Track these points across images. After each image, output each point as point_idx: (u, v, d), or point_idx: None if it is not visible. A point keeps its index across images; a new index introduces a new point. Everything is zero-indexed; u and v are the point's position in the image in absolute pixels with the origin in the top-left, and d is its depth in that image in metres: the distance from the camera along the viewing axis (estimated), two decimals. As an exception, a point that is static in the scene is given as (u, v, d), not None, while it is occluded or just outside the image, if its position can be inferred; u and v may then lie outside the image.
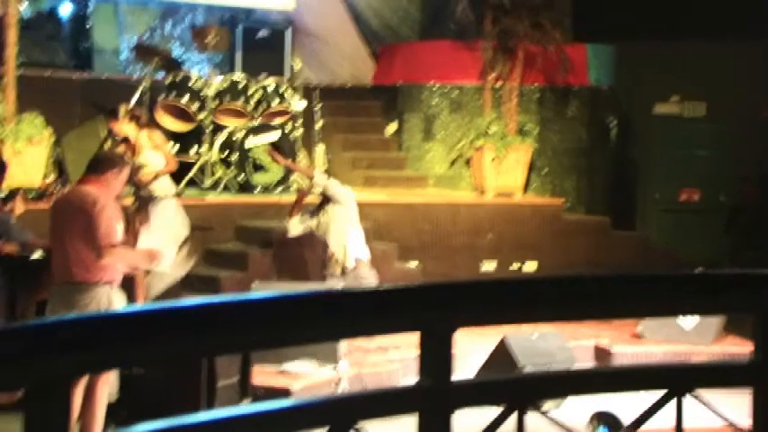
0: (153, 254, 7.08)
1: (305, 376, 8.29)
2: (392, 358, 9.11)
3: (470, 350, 8.77)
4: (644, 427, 2.69)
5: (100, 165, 6.92)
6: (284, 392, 7.93)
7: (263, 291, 8.46)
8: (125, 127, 9.78)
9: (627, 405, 2.93)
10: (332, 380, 8.40)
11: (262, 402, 5.43)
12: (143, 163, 9.57)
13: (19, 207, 8.75)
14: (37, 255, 8.16)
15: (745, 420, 2.79)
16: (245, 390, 7.39)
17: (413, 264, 11.61)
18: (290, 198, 10.59)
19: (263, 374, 7.99)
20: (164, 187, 9.78)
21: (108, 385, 6.79)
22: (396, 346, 9.26)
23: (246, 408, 4.95)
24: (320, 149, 12.34)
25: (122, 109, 10.00)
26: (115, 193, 6.90)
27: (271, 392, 7.73)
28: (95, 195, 6.67)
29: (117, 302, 6.76)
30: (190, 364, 6.88)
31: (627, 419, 2.75)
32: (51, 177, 10.87)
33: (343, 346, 8.67)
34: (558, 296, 2.66)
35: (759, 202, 13.54)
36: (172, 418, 2.23)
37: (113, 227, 6.66)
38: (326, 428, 2.38)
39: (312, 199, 10.01)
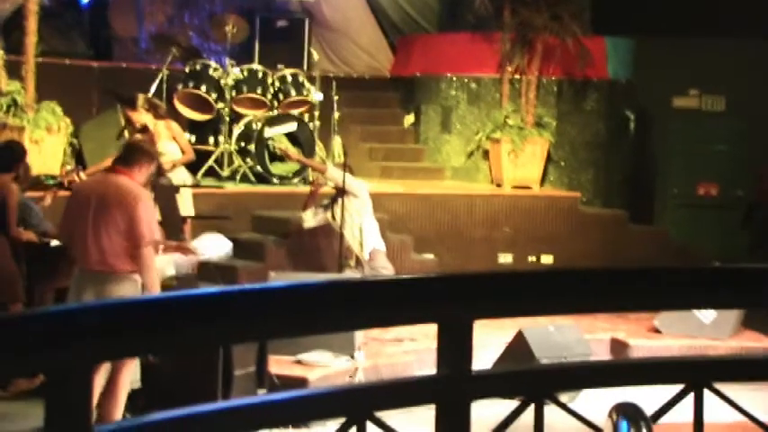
0: (185, 248, 7.17)
1: (321, 366, 8.29)
2: (407, 350, 9.12)
3: (487, 342, 8.76)
4: (663, 420, 2.68)
5: (133, 155, 6.90)
6: (301, 382, 7.94)
7: (281, 281, 8.48)
8: (143, 116, 9.80)
9: (643, 398, 2.92)
10: (348, 370, 8.41)
11: (278, 392, 5.43)
12: (161, 152, 9.59)
13: (48, 200, 8.89)
14: (55, 242, 8.19)
15: (764, 415, 2.78)
16: (262, 379, 7.41)
17: (429, 255, 11.60)
18: (307, 189, 10.60)
19: (279, 364, 8.01)
20: (180, 177, 9.82)
21: (130, 373, 6.82)
22: (411, 338, 9.26)
23: (263, 397, 4.97)
24: (337, 141, 12.34)
25: (141, 98, 10.02)
26: (142, 183, 6.91)
27: (287, 382, 7.74)
28: (135, 190, 6.69)
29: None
30: (207, 352, 6.90)
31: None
32: (69, 166, 10.90)
33: (360, 336, 8.68)
34: (576, 288, 2.66)
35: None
36: (188, 406, 2.23)
37: (154, 221, 6.71)
38: (343, 418, 2.38)
39: (328, 190, 10.03)
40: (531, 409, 2.54)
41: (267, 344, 7.46)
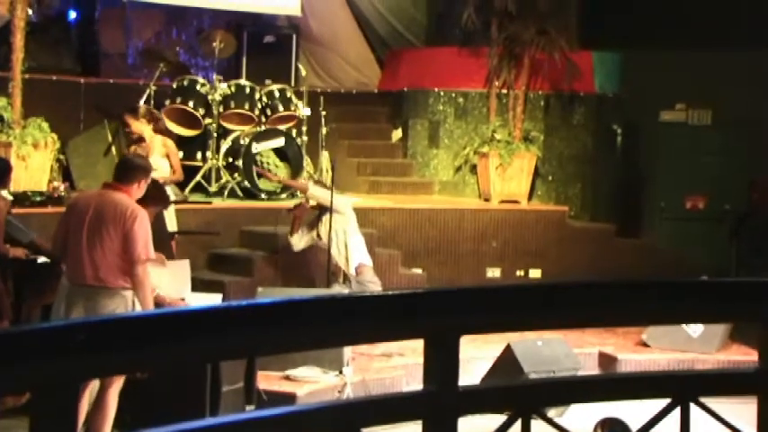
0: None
1: (310, 382, 8.28)
2: (396, 365, 9.11)
3: (475, 357, 8.76)
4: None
5: (130, 172, 6.90)
6: (289, 398, 7.92)
7: (268, 296, 8.46)
8: (143, 126, 9.77)
9: (631, 413, 2.93)
10: (336, 386, 8.39)
11: (266, 408, 5.41)
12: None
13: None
14: (43, 259, 8.16)
15: (751, 429, 2.78)
16: (250, 395, 7.38)
17: (418, 270, 11.60)
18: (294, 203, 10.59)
19: (267, 380, 7.99)
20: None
21: (119, 389, 6.80)
22: (400, 353, 9.26)
23: (251, 413, 4.95)
24: (325, 157, 12.35)
25: (143, 108, 10.00)
26: (138, 199, 6.89)
27: (276, 398, 7.72)
28: (133, 207, 6.69)
29: (137, 306, 6.77)
30: (195, 368, 6.88)
31: (632, 427, 2.75)
32: (56, 182, 10.87)
33: (348, 352, 8.67)
34: (564, 303, 2.66)
35: (766, 208, 13.50)
36: (176, 423, 2.23)
37: (150, 240, 6.70)
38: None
39: (312, 207, 10.02)
40: (518, 423, 2.54)
41: (255, 359, 7.44)
